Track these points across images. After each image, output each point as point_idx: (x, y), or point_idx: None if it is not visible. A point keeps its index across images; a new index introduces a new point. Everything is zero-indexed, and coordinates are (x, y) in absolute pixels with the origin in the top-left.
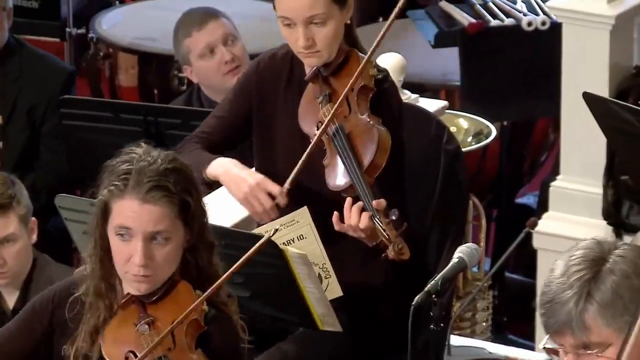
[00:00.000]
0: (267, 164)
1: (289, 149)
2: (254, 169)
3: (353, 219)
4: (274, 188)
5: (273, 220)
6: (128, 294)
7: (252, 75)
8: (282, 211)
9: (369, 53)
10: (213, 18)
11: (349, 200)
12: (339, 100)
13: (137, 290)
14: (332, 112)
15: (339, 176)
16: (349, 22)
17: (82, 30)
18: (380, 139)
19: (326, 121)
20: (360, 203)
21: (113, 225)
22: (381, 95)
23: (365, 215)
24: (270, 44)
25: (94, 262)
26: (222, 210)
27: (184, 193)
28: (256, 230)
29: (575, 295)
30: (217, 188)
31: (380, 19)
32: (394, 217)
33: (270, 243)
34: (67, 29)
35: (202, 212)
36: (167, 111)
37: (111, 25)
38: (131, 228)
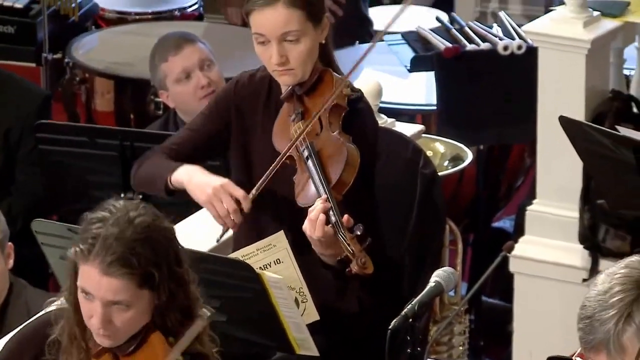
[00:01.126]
0: (244, 183)
1: (265, 168)
2: None
3: (317, 230)
4: (239, 192)
5: (235, 224)
6: None
7: (230, 94)
8: (259, 236)
9: (347, 74)
10: (189, 43)
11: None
12: (311, 121)
13: (102, 343)
14: (302, 130)
15: (308, 193)
16: (323, 41)
17: (58, 55)
18: (349, 156)
19: (295, 138)
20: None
21: (79, 283)
22: (355, 114)
23: (321, 221)
24: (246, 69)
25: (68, 306)
26: (199, 234)
27: (150, 266)
28: (233, 255)
29: (615, 315)
30: (180, 196)
31: (357, 43)
32: (358, 232)
33: (247, 267)
34: (43, 54)
35: (173, 279)
36: (143, 136)
37: (87, 50)
38: (91, 293)
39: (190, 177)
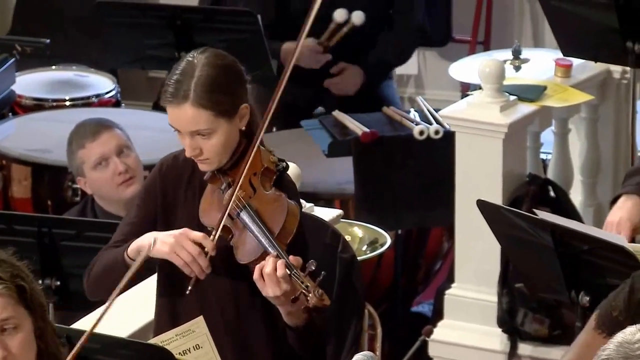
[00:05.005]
0: (170, 265)
1: None
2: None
3: (269, 268)
4: (199, 235)
5: (202, 270)
6: None
7: (156, 178)
8: (178, 320)
9: (258, 136)
10: (106, 129)
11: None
12: (240, 177)
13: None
14: (234, 193)
15: (250, 248)
16: (243, 128)
17: None
18: (289, 206)
19: (230, 202)
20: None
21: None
22: (282, 188)
23: (280, 263)
24: (164, 154)
25: None
26: (118, 320)
27: (16, 278)
28: (152, 340)
29: None
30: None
31: (274, 129)
32: (313, 267)
33: (166, 353)
34: None
35: (41, 295)
36: (61, 222)
37: (4, 136)
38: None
39: (147, 238)
